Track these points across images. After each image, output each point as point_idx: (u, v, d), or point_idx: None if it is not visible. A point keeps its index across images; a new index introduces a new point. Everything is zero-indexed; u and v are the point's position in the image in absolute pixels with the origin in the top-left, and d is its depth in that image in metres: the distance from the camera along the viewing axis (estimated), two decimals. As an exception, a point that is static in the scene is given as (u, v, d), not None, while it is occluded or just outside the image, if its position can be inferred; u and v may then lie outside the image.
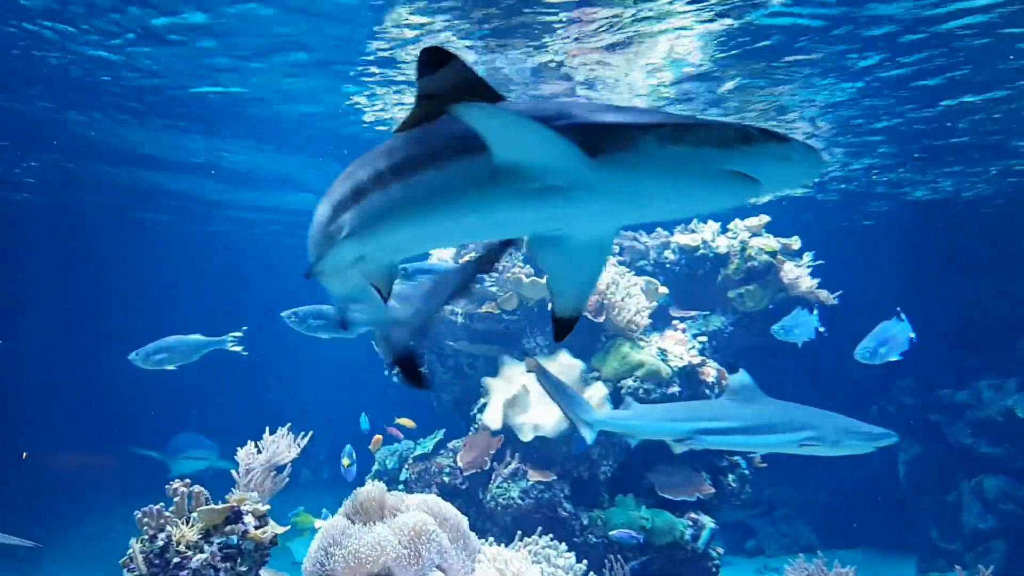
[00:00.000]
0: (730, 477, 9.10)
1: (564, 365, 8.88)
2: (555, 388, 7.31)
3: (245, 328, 8.72)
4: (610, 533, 8.05)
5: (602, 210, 2.84)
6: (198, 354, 8.65)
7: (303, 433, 6.28)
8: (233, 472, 5.66)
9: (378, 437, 9.77)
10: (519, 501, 8.34)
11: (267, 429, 5.99)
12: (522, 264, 9.39)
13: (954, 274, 15.80)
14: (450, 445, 9.43)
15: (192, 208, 19.40)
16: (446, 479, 8.97)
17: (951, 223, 17.00)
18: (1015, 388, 13.52)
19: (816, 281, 10.30)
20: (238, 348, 8.71)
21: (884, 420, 15.56)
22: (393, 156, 3.00)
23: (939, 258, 15.97)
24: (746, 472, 9.25)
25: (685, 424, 6.84)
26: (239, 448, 6.00)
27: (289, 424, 6.11)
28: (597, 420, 7.25)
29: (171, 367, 8.49)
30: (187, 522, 5.01)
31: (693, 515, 8.48)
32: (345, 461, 9.09)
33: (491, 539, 6.35)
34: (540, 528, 6.89)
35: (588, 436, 7.23)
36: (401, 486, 9.22)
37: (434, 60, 2.81)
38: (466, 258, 9.42)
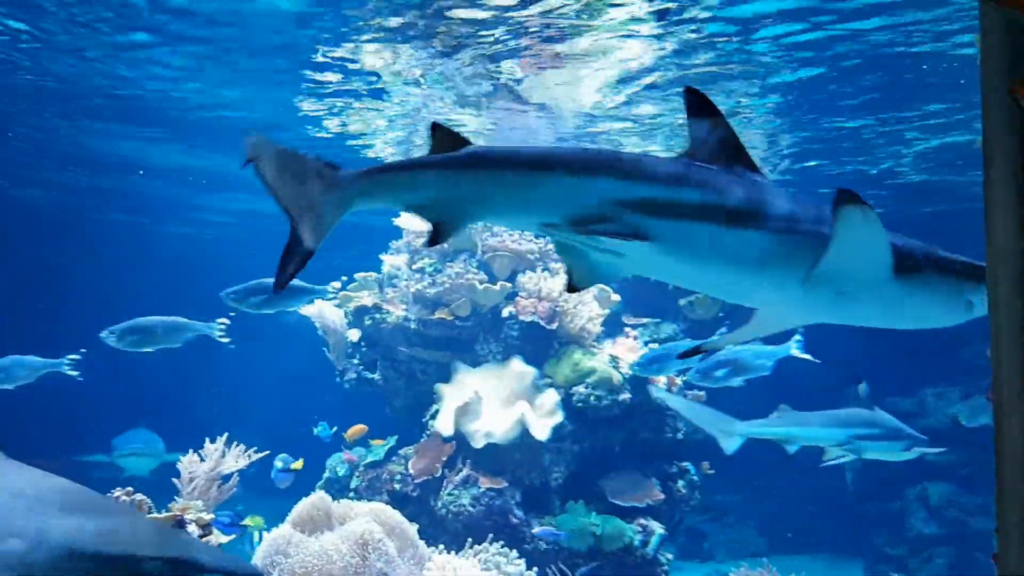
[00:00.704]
0: (680, 483, 9.17)
1: (517, 372, 8.89)
2: (688, 408, 7.53)
3: (233, 314, 8.21)
4: (533, 531, 8.03)
5: (858, 315, 3.27)
6: (180, 338, 8.06)
7: (255, 448, 6.22)
8: (175, 480, 5.56)
9: (359, 427, 9.54)
10: (470, 508, 8.32)
11: (207, 439, 5.91)
12: (476, 270, 9.38)
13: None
14: (402, 452, 9.38)
15: (139, 207, 19.01)
16: (397, 486, 8.92)
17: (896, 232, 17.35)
18: (958, 396, 13.80)
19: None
20: (225, 339, 8.20)
21: (832, 427, 15.86)
22: (726, 195, 2.91)
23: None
24: (695, 478, 9.34)
25: (841, 430, 7.16)
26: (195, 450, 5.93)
27: (226, 434, 6.03)
28: (742, 430, 7.47)
29: (149, 349, 7.95)
30: (128, 531, 4.91)
31: (643, 521, 8.52)
32: (279, 464, 8.76)
33: (442, 546, 6.33)
34: (491, 535, 6.90)
35: (730, 446, 7.42)
36: (352, 493, 9.14)
37: (698, 103, 3.02)
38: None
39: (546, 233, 3.07)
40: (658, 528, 8.55)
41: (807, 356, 8.74)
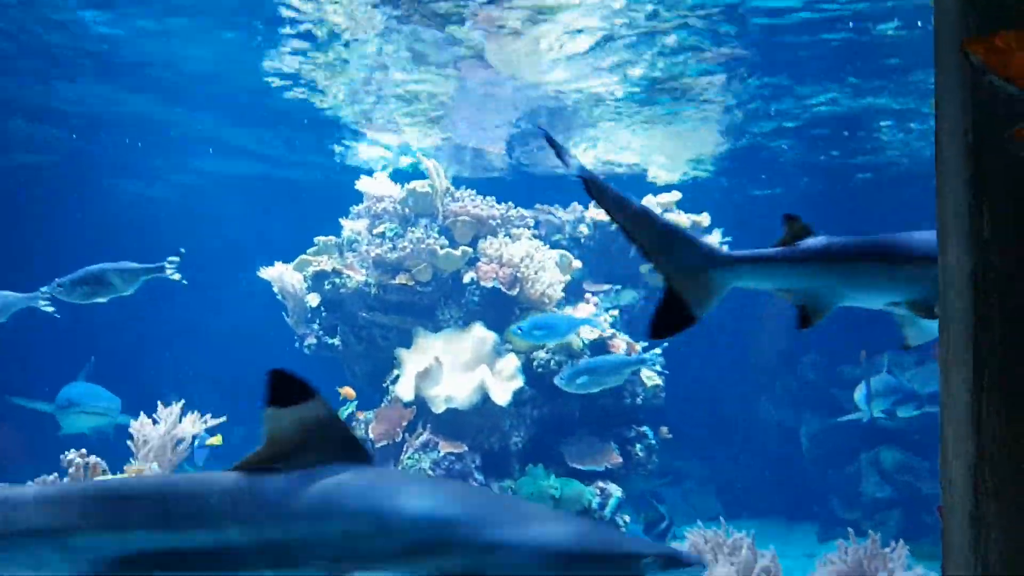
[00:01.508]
0: (638, 447, 9.28)
1: (478, 337, 8.90)
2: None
3: (183, 251, 7.82)
4: None
5: None
6: (133, 284, 7.68)
7: (210, 415, 6.19)
8: (130, 443, 5.51)
9: (347, 390, 9.41)
10: (430, 472, 8.35)
11: (159, 403, 5.87)
12: (437, 236, 9.34)
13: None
14: (361, 416, 9.36)
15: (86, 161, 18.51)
16: (357, 451, 8.90)
17: (857, 203, 17.55)
18: (912, 363, 14.08)
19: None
20: (176, 276, 7.78)
21: (787, 395, 16.13)
22: None
23: (843, 234, 16.49)
24: (653, 442, 9.45)
25: None
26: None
27: (183, 401, 6.00)
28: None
29: (102, 300, 7.53)
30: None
31: (601, 484, 8.61)
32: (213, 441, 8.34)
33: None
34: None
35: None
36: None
37: None
38: None
39: (891, 310, 3.46)
40: (616, 491, 8.65)
41: (659, 370, 8.97)
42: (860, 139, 13.67)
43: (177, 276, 7.27)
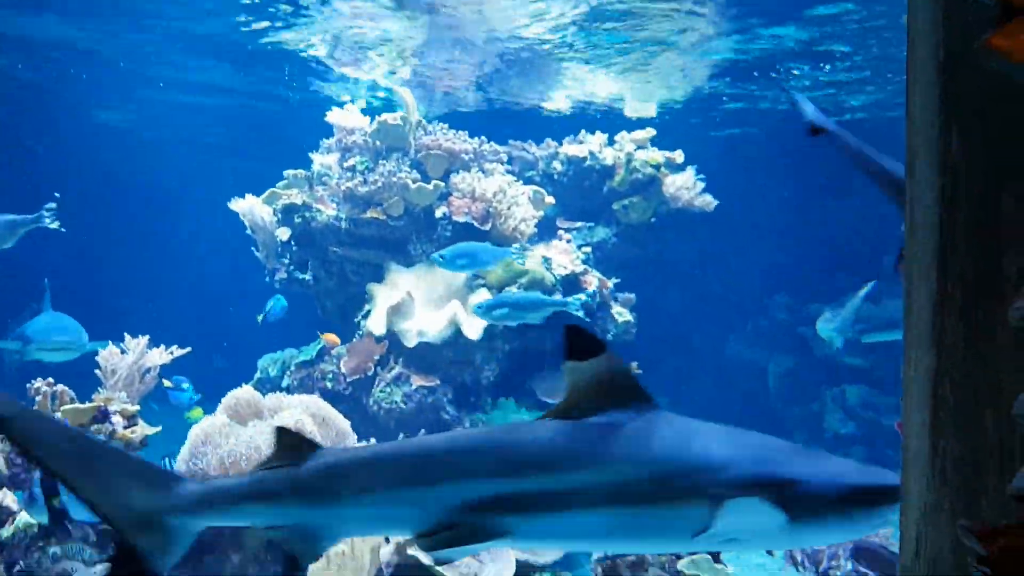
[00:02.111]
0: (609, 383, 9.35)
1: (450, 273, 8.87)
2: None
3: (58, 195, 7.56)
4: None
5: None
6: (13, 237, 7.45)
7: (176, 346, 6.16)
8: (97, 372, 5.47)
9: (330, 336, 9.28)
10: (402, 405, 8.40)
11: (125, 334, 5.83)
12: (409, 169, 9.24)
13: (829, 193, 16.41)
14: (333, 352, 9.36)
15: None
16: (329, 385, 8.93)
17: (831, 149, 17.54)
18: (889, 294, 14.29)
19: (696, 194, 10.48)
20: (55, 224, 7.53)
21: (757, 334, 16.33)
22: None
23: (817, 177, 16.55)
24: (624, 378, 9.53)
25: None
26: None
27: (148, 336, 5.97)
28: None
29: None
30: (50, 421, 4.83)
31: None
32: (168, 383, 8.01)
33: (373, 440, 6.38)
34: (423, 431, 6.97)
35: None
36: (283, 393, 9.12)
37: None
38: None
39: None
40: (586, 425, 8.74)
41: (581, 315, 8.88)
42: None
43: (55, 224, 7.14)
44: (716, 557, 4.81)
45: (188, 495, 2.78)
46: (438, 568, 4.36)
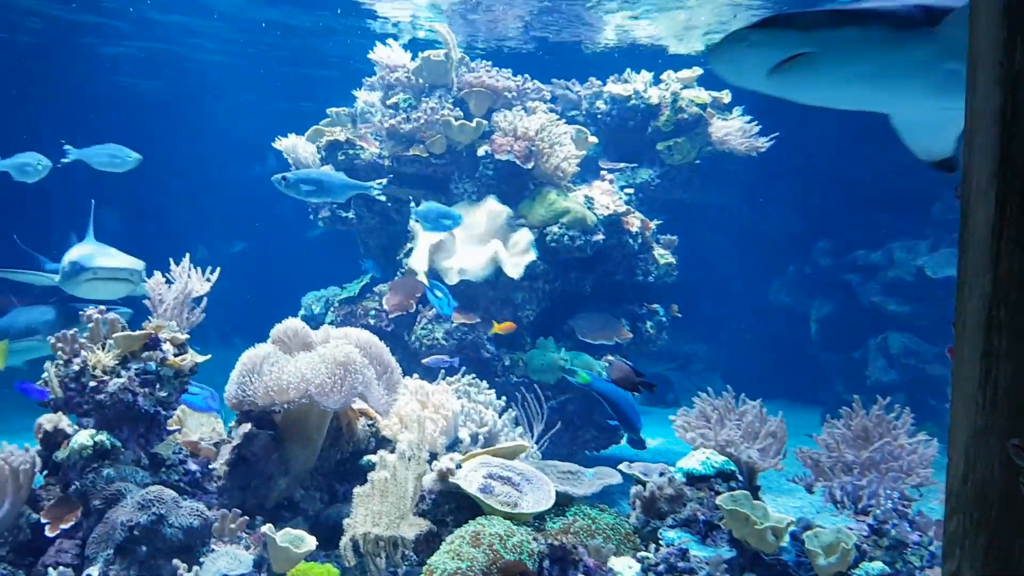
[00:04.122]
0: (648, 324, 9.36)
1: (490, 212, 8.88)
2: None
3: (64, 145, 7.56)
4: (423, 361, 7.74)
5: None
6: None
7: (212, 270, 6.17)
8: (146, 302, 5.58)
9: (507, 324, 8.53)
10: (443, 342, 8.48)
11: (172, 260, 5.90)
12: (451, 107, 9.20)
13: (875, 137, 16.06)
14: (376, 289, 9.46)
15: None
16: (371, 321, 9.04)
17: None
18: (927, 249, 14.05)
19: (743, 136, 10.29)
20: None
21: (800, 279, 16.17)
22: None
23: (860, 121, 16.19)
24: (664, 320, 9.53)
25: None
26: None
27: (188, 255, 5.99)
28: None
29: None
30: (103, 348, 4.97)
31: (611, 358, 8.73)
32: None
33: (416, 375, 6.47)
34: (463, 368, 7.03)
35: None
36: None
37: None
38: None
39: None
40: (625, 364, 8.76)
41: (382, 197, 8.69)
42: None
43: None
44: (755, 493, 4.85)
45: None
46: (479, 495, 4.45)
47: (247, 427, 5.21)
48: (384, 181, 8.78)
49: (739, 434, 4.97)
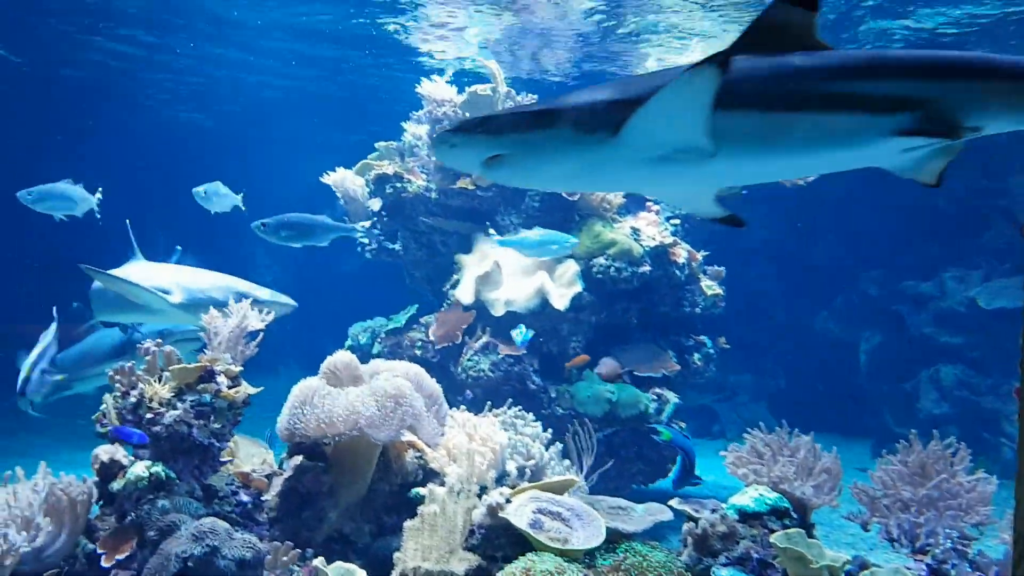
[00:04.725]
0: (695, 356, 9.29)
1: (537, 243, 8.90)
2: None
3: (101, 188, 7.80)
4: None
5: None
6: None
7: (269, 311, 6.28)
8: (202, 335, 5.68)
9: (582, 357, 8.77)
10: (489, 373, 8.50)
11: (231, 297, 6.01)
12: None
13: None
14: (422, 320, 9.52)
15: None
16: (418, 352, 9.09)
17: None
18: (979, 279, 13.79)
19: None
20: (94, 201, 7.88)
21: (848, 309, 15.95)
22: None
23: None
24: (711, 352, 9.45)
25: None
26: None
27: (249, 300, 6.11)
28: None
29: None
30: (159, 380, 5.06)
31: (658, 390, 8.68)
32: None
33: (463, 407, 6.48)
34: (509, 400, 7.03)
35: None
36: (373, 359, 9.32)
37: None
38: None
39: None
40: (673, 397, 8.71)
41: (364, 239, 8.55)
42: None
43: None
44: (809, 531, 4.77)
45: None
46: (529, 531, 4.43)
47: (299, 459, 5.27)
48: (367, 224, 8.75)
49: (792, 470, 4.90)
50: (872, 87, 3.10)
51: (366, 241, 10.16)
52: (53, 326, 8.19)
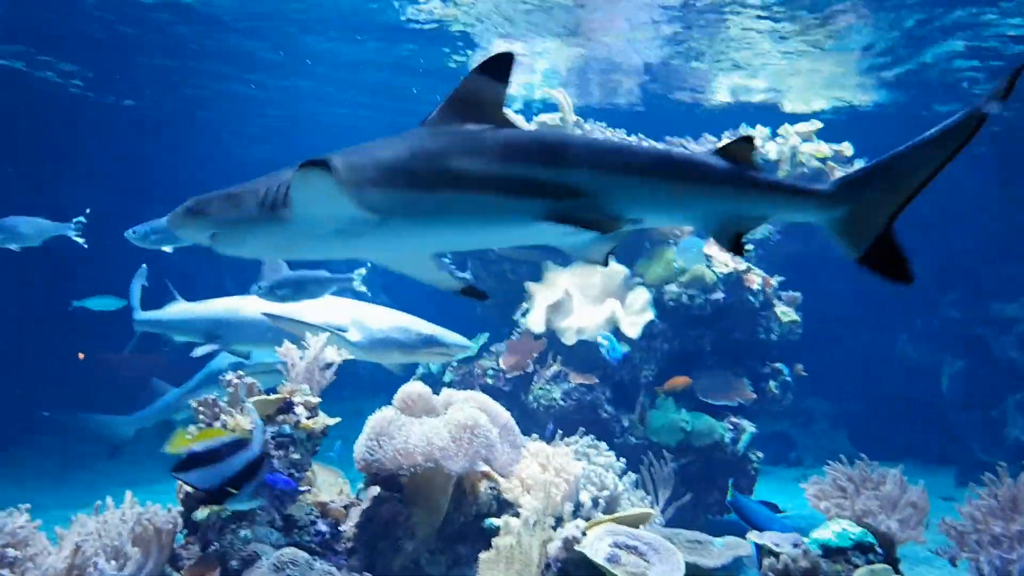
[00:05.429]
0: (772, 384, 9.13)
1: (607, 271, 8.89)
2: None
3: (89, 211, 7.64)
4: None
5: None
6: (39, 239, 7.61)
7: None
8: (280, 367, 5.79)
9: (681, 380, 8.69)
10: (561, 402, 8.47)
11: (307, 333, 6.10)
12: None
13: (1007, 181, 15.34)
14: (493, 348, 9.55)
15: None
16: (489, 380, 9.12)
17: (1005, 129, 16.45)
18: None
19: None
20: (79, 239, 7.72)
21: (928, 333, 15.49)
22: None
23: (993, 165, 15.50)
24: (788, 379, 9.27)
25: None
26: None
27: (326, 334, 6.18)
28: None
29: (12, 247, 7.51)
30: (241, 412, 5.17)
31: (734, 419, 8.54)
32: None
33: (535, 436, 6.48)
34: (581, 429, 7.00)
35: None
36: (446, 388, 9.38)
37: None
38: None
39: None
40: (749, 426, 8.56)
41: (364, 289, 8.27)
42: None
43: (80, 239, 7.41)
44: (895, 566, 4.62)
45: None
46: (607, 565, 4.39)
47: (376, 490, 5.32)
48: (364, 271, 8.46)
49: (876, 503, 4.76)
50: (521, 171, 3.20)
51: None
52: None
